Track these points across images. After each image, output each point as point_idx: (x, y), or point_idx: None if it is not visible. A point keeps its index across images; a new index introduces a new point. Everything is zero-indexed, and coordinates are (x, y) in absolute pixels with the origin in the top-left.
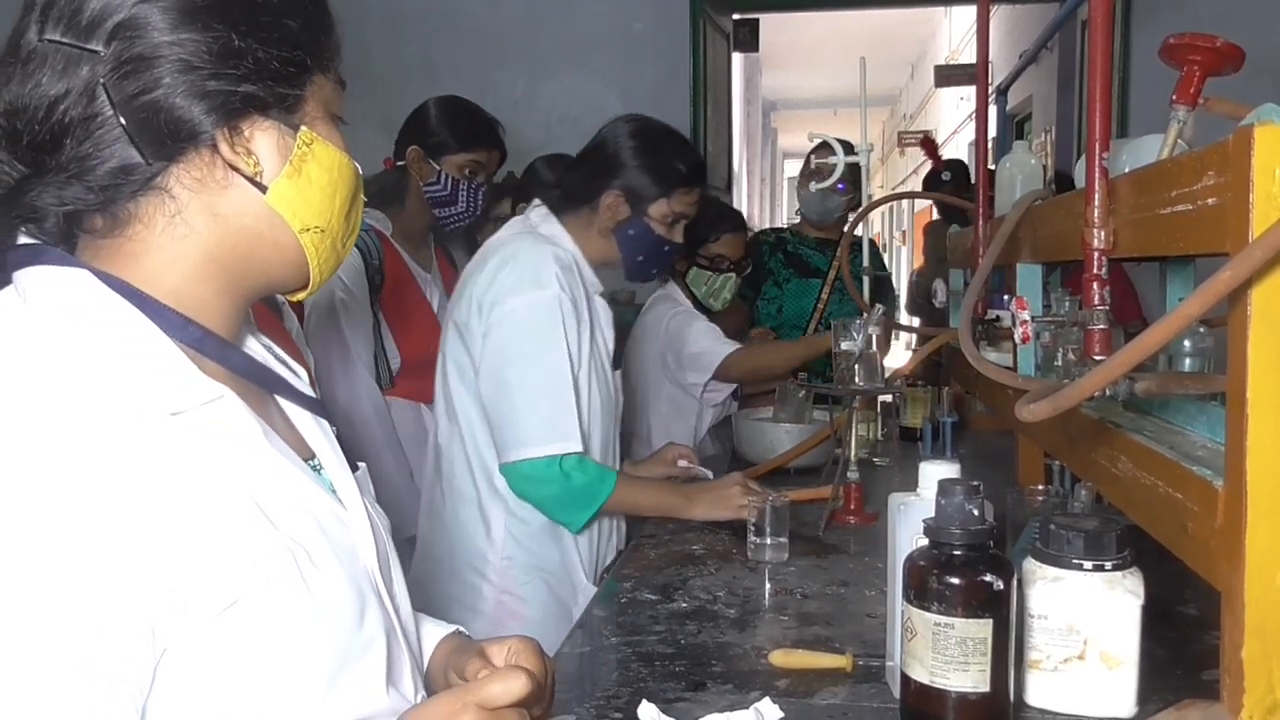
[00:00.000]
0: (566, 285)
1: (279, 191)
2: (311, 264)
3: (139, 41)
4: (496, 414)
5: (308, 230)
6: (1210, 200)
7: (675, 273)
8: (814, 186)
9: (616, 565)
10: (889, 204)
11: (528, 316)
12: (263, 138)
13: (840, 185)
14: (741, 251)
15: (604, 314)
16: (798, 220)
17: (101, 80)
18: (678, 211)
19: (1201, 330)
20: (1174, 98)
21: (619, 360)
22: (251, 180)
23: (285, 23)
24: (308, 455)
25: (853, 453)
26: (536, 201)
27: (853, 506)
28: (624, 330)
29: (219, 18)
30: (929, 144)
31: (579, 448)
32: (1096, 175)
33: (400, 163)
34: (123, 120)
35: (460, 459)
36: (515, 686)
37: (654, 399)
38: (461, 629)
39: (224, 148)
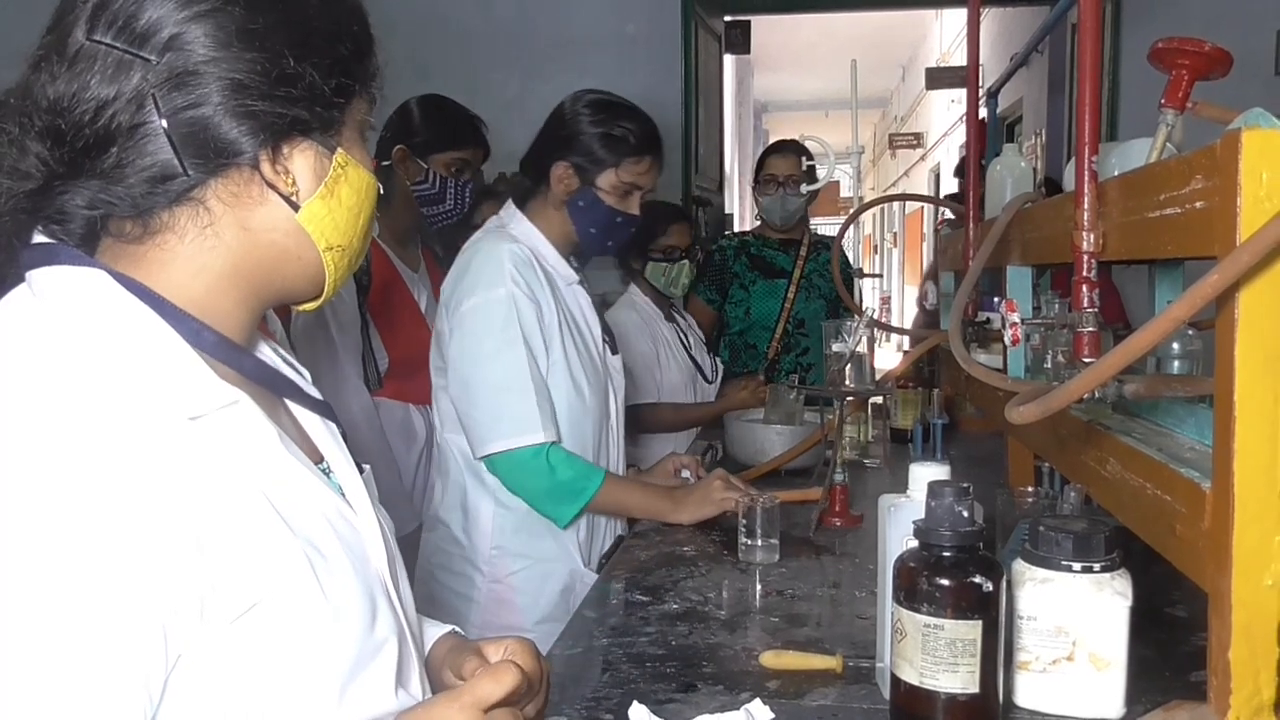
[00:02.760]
0: (524, 281)
1: (311, 211)
2: (329, 280)
3: (193, 55)
4: (464, 413)
5: (331, 249)
6: (1198, 204)
7: (634, 271)
8: (804, 188)
9: (607, 566)
10: (879, 206)
11: (482, 316)
12: (300, 158)
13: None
14: (689, 240)
15: (583, 302)
16: (758, 224)
17: (152, 90)
18: (627, 182)
19: (1190, 333)
20: (1162, 101)
21: (617, 345)
22: (286, 199)
23: (336, 48)
24: (317, 459)
25: (837, 455)
26: (509, 201)
27: (837, 509)
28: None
29: (274, 40)
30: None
31: (550, 437)
32: (1085, 178)
33: (385, 162)
34: (169, 132)
35: (448, 453)
36: (506, 680)
37: None
38: (458, 629)
39: (265, 167)
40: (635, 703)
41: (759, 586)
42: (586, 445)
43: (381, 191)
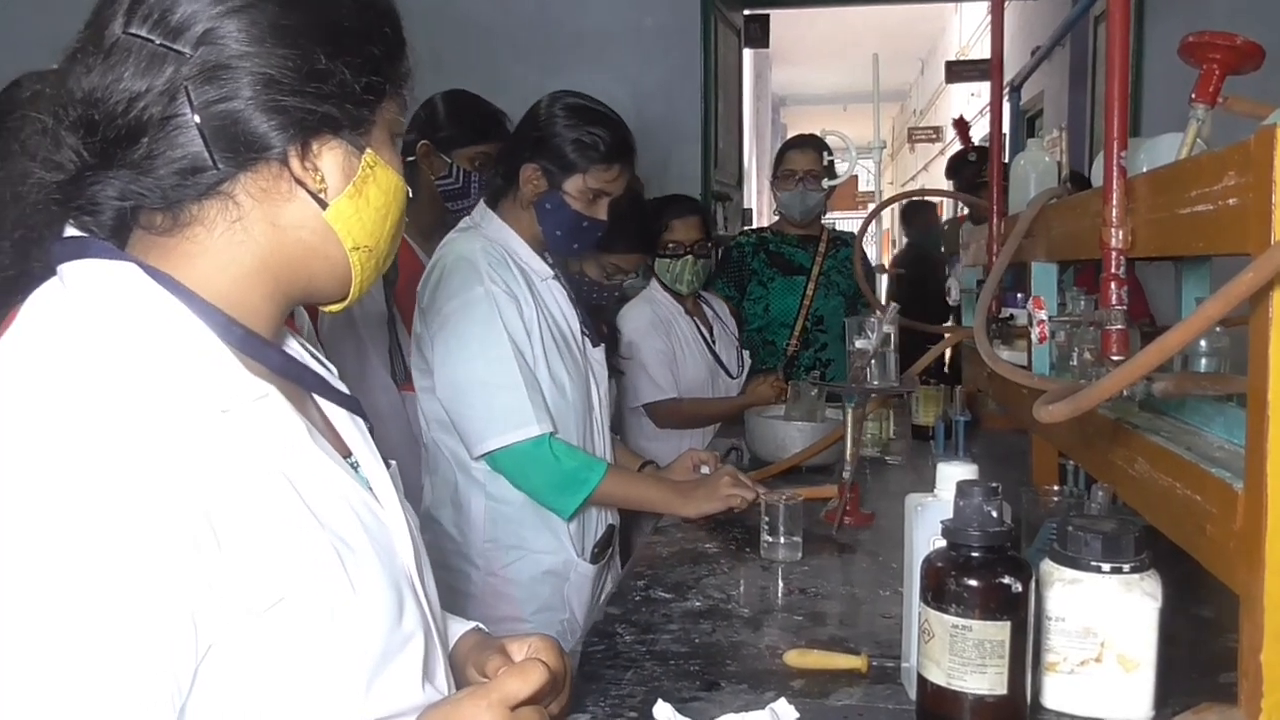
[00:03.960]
0: (500, 279)
1: (338, 210)
2: (355, 280)
3: (226, 49)
4: (458, 414)
5: (358, 249)
6: (1231, 201)
7: (649, 267)
8: (825, 183)
9: (629, 564)
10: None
11: (464, 317)
12: (330, 156)
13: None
14: (696, 233)
15: (559, 296)
16: (777, 219)
17: (184, 83)
18: (595, 188)
19: (1218, 330)
20: (1193, 96)
21: (598, 337)
22: (315, 196)
23: (368, 47)
24: (345, 453)
25: (848, 453)
26: (481, 200)
27: (847, 507)
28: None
29: (306, 37)
30: (961, 125)
31: (547, 428)
32: (1115, 174)
33: (410, 158)
34: (200, 125)
35: (436, 452)
36: (533, 678)
37: None
38: (481, 626)
39: (294, 163)
40: (660, 701)
41: (781, 584)
42: (571, 438)
43: (410, 195)
